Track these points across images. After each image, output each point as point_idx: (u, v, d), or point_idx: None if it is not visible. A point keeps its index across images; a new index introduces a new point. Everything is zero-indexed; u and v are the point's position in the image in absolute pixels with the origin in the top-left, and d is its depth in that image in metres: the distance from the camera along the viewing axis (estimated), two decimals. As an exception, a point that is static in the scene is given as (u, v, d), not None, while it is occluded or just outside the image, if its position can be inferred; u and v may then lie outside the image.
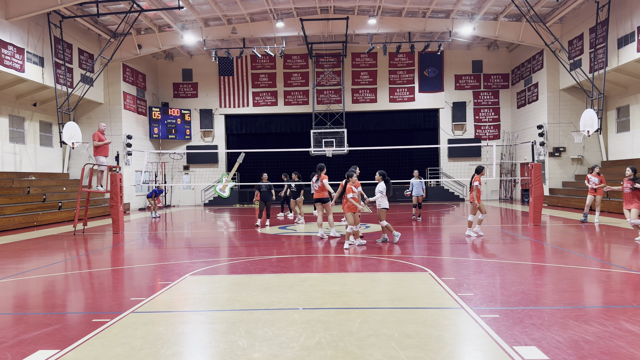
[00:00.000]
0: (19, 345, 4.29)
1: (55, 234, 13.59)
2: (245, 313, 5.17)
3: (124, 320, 4.95)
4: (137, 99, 25.69)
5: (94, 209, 19.20)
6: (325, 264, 8.21)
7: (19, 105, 19.50)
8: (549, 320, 4.72)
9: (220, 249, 10.43)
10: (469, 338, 4.32)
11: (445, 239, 11.49)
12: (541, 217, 14.00)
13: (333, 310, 5.18)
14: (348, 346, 4.10)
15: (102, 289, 6.53)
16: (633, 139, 19.47)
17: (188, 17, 22.32)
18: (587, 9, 20.20)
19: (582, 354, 3.85)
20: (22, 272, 7.83)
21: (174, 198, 28.44)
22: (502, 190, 27.58)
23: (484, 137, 27.87)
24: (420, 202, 16.05)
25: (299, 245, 10.32)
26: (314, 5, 22.10)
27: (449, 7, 22.16)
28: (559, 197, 21.46)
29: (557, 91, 23.11)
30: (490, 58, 27.87)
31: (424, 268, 7.44)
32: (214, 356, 3.99)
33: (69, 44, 20.84)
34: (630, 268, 7.28)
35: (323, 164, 11.99)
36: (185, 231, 14.36)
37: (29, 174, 19.32)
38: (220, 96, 28.48)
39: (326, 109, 27.66)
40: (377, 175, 10.39)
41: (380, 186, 10.23)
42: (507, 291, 5.93)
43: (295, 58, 28.22)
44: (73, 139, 18.32)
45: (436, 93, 28.07)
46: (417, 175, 16.02)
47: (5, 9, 17.11)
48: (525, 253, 9.04)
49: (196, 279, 7.03)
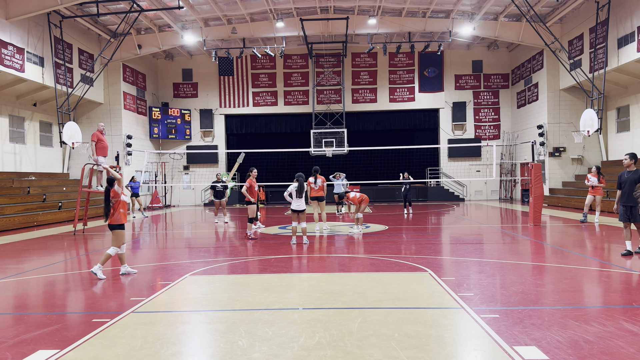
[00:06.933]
0: (19, 345, 4.29)
1: (55, 234, 13.59)
2: (245, 313, 5.17)
3: (124, 320, 4.95)
4: (137, 99, 25.68)
5: (94, 209, 19.19)
6: (326, 264, 8.21)
7: (19, 105, 19.49)
8: (549, 320, 4.72)
9: (220, 249, 10.43)
10: (469, 338, 4.32)
11: (445, 239, 11.49)
12: (541, 217, 14.00)
13: (333, 310, 5.18)
14: (348, 346, 4.10)
15: (102, 289, 6.53)
16: (633, 139, 19.46)
17: (188, 17, 22.32)
18: (587, 9, 20.20)
19: (582, 354, 3.85)
20: (22, 272, 7.83)
21: (174, 198, 28.44)
22: (502, 190, 27.58)
23: (484, 137, 27.87)
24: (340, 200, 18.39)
25: (299, 245, 10.32)
26: (314, 5, 22.10)
27: (449, 7, 22.16)
28: (559, 197, 21.46)
29: (557, 91, 23.11)
30: (490, 58, 27.87)
31: (424, 268, 7.44)
32: (214, 356, 3.99)
33: (69, 44, 20.83)
34: (630, 268, 7.27)
35: (318, 166, 13.27)
36: (185, 231, 14.36)
37: (29, 174, 19.32)
38: (220, 96, 28.47)
39: (326, 109, 27.66)
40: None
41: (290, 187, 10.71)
42: (507, 291, 5.93)
43: (295, 58, 28.22)
44: (73, 139, 18.31)
45: (436, 93, 28.07)
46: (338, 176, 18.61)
47: (5, 9, 17.10)
48: (525, 253, 9.04)
49: (196, 279, 7.03)
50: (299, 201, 10.52)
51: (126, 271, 7.40)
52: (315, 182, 12.85)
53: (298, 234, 10.83)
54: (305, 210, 10.72)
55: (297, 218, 10.68)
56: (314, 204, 12.94)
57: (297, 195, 10.52)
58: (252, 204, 11.73)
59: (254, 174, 12.14)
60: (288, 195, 10.63)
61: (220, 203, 16.12)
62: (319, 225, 12.86)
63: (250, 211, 11.63)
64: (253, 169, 12.29)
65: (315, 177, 12.85)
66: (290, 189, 10.61)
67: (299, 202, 10.52)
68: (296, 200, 10.52)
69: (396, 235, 11.87)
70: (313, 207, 12.96)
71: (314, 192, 12.85)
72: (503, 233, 12.19)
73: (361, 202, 12.10)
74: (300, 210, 10.58)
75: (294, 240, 10.63)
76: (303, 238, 10.61)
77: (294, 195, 10.54)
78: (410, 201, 18.35)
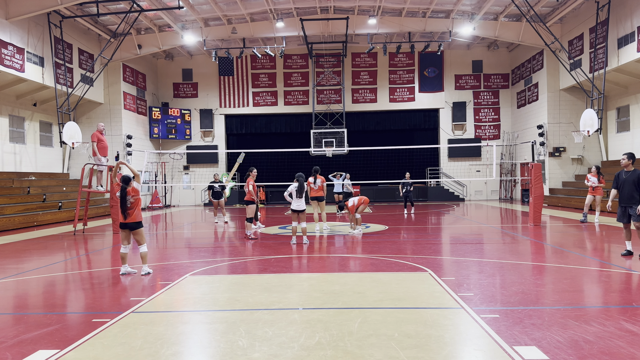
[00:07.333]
0: (19, 345, 4.29)
1: (55, 234, 13.59)
2: (245, 313, 5.17)
3: (124, 320, 4.95)
4: (137, 99, 25.69)
5: (94, 209, 19.20)
6: (326, 264, 8.21)
7: (19, 105, 19.49)
8: (549, 320, 4.72)
9: (220, 249, 10.43)
10: (469, 338, 4.32)
11: (445, 239, 11.49)
12: (541, 217, 14.00)
13: (333, 310, 5.18)
14: (348, 346, 4.10)
15: (102, 289, 6.52)
16: (633, 139, 19.46)
17: (188, 17, 22.32)
18: (587, 9, 20.20)
19: (582, 354, 3.85)
20: (22, 272, 7.83)
21: (174, 198, 28.44)
22: (502, 190, 27.58)
23: (484, 137, 27.87)
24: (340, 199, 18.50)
25: (299, 245, 10.32)
26: (314, 5, 22.10)
27: (449, 7, 22.16)
28: (559, 197, 21.46)
29: (557, 91, 23.11)
30: (490, 58, 27.86)
31: (424, 268, 7.44)
32: (214, 356, 3.99)
33: (69, 44, 20.83)
34: (630, 268, 7.28)
35: (318, 167, 13.29)
36: (185, 231, 14.36)
37: (29, 174, 19.32)
38: (220, 96, 28.47)
39: (326, 109, 27.66)
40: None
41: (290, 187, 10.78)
42: (507, 291, 5.93)
43: (295, 58, 28.22)
44: (73, 139, 18.31)
45: (436, 93, 28.07)
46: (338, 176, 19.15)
47: (5, 9, 17.10)
48: (525, 253, 9.04)
49: (196, 279, 7.03)
50: (299, 201, 10.53)
51: (126, 271, 7.41)
52: (314, 182, 12.86)
53: (298, 234, 10.83)
54: (305, 210, 10.72)
55: (297, 218, 10.68)
56: (314, 204, 12.97)
57: (297, 195, 10.52)
58: (252, 203, 11.74)
59: (254, 174, 12.15)
60: (288, 196, 10.64)
61: (219, 203, 16.12)
62: (319, 225, 12.87)
63: (250, 211, 11.63)
64: (253, 168, 12.31)
65: (314, 177, 12.88)
66: (290, 189, 10.61)
67: (299, 202, 10.53)
68: (296, 200, 10.52)
69: (396, 235, 11.87)
70: (313, 207, 12.98)
71: (313, 192, 12.88)
72: (503, 233, 12.19)
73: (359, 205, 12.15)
74: (300, 210, 10.58)
75: (294, 240, 10.63)
76: (303, 238, 10.61)
77: (294, 195, 10.54)
78: (412, 201, 18.57)
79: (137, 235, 7.35)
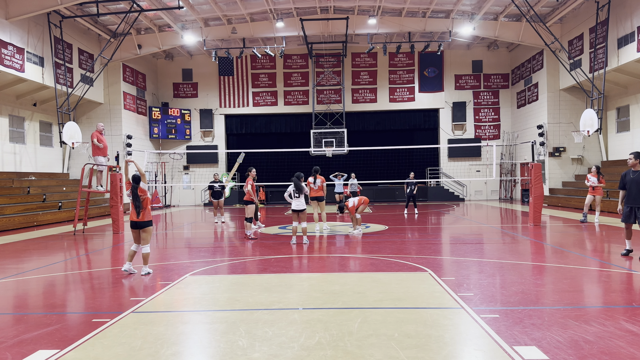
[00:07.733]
0: (19, 345, 4.29)
1: (55, 234, 13.59)
2: (245, 313, 5.17)
3: (124, 320, 4.95)
4: (137, 99, 25.68)
5: (94, 209, 19.20)
6: (326, 264, 8.21)
7: (19, 105, 19.49)
8: (549, 320, 4.72)
9: (220, 249, 10.43)
10: (469, 338, 4.32)
11: (445, 239, 11.49)
12: (541, 217, 14.00)
13: (333, 310, 5.18)
14: (348, 346, 4.10)
15: (102, 289, 6.52)
16: (633, 139, 19.45)
17: (188, 17, 22.32)
18: (587, 9, 20.20)
19: (582, 354, 3.85)
20: (22, 272, 7.83)
21: (174, 198, 28.44)
22: (502, 190, 27.57)
23: (484, 137, 27.87)
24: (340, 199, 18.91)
25: (299, 245, 10.32)
26: (314, 5, 22.09)
27: (449, 7, 22.16)
28: (559, 197, 21.46)
29: (557, 91, 23.11)
30: (490, 58, 27.86)
31: (424, 268, 7.44)
32: (214, 356, 3.99)
33: (69, 44, 20.83)
34: (630, 268, 7.28)
35: (318, 167, 13.28)
36: (185, 231, 14.36)
37: (29, 174, 19.32)
38: (220, 96, 28.47)
39: (326, 109, 27.66)
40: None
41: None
42: (507, 291, 5.93)
43: (295, 58, 28.22)
44: (73, 139, 18.31)
45: (436, 93, 28.07)
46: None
47: (5, 9, 17.10)
48: (525, 253, 9.04)
49: (196, 279, 7.03)
50: (299, 201, 10.53)
51: (128, 269, 7.42)
52: (314, 182, 12.86)
53: (298, 234, 10.83)
54: (305, 210, 10.72)
55: (297, 218, 10.68)
56: (314, 204, 12.96)
57: (296, 195, 10.53)
58: (252, 203, 11.74)
59: (253, 174, 12.15)
60: (288, 196, 10.65)
61: (219, 203, 16.13)
62: (319, 225, 12.88)
63: (249, 211, 11.63)
64: (252, 168, 12.30)
65: (314, 177, 12.88)
66: (290, 190, 10.63)
67: (298, 202, 10.53)
68: (296, 200, 10.53)
69: (396, 235, 11.87)
70: (313, 207, 12.98)
71: (313, 192, 12.87)
72: (503, 233, 12.19)
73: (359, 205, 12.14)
74: (300, 209, 10.58)
75: (294, 240, 10.63)
76: (303, 238, 10.61)
77: (294, 195, 10.55)
78: (416, 202, 18.57)
79: (145, 233, 7.38)
